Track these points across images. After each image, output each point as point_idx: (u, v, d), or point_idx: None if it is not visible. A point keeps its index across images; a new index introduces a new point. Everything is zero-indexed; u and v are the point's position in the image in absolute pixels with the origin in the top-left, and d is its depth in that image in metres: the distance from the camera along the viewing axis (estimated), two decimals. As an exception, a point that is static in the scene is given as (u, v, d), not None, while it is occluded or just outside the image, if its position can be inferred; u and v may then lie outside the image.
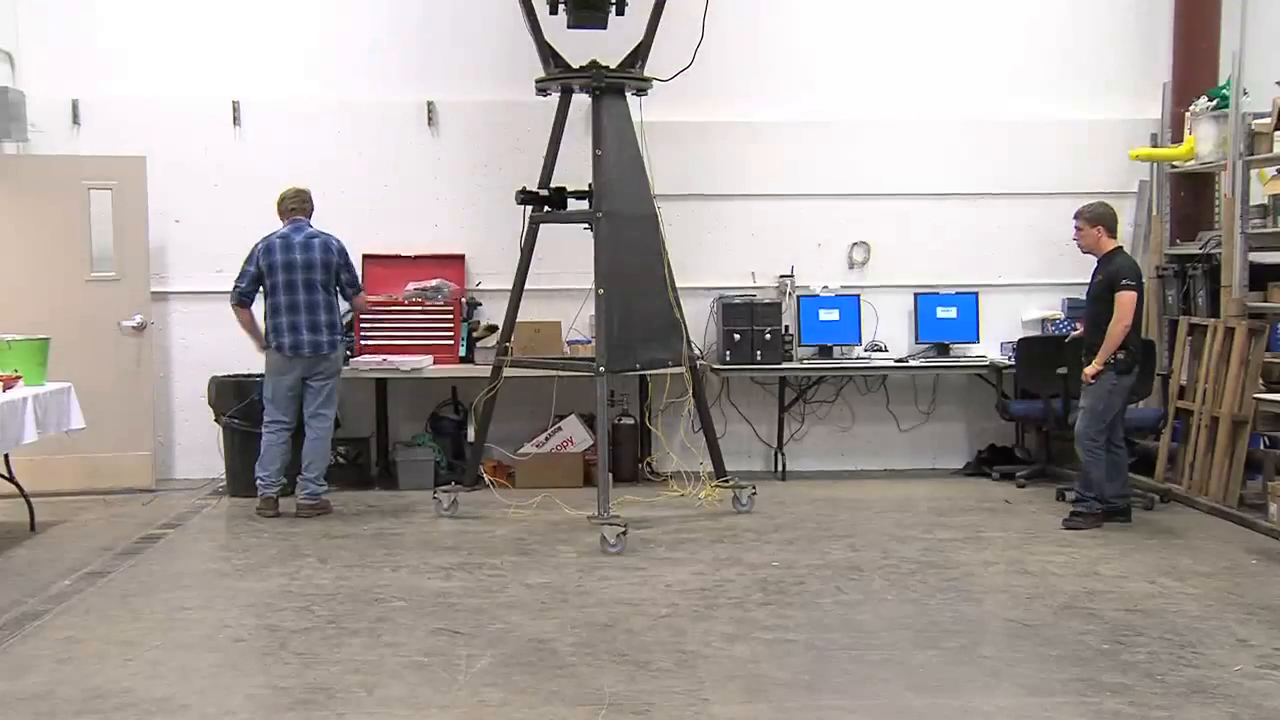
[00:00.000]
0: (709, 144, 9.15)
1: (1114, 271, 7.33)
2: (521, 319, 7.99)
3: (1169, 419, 8.44)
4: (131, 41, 8.90)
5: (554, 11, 7.66)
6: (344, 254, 7.96)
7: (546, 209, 7.68)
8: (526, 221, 7.75)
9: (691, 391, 8.19)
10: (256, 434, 8.01)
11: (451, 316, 8.85)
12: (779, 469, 9.22)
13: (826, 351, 9.20)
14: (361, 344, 8.78)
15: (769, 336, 8.86)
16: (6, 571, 6.63)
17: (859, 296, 9.22)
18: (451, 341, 8.85)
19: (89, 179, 8.56)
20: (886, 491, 8.66)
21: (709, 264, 9.09)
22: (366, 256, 8.87)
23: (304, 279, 7.79)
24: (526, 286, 7.84)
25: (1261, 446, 7.89)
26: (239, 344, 8.15)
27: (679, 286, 7.84)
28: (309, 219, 7.97)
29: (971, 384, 9.39)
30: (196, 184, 8.89)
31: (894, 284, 9.31)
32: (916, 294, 9.28)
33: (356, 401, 8.93)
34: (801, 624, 5.59)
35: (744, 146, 9.20)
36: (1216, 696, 4.69)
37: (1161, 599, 5.94)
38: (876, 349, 9.28)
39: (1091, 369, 7.28)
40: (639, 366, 7.81)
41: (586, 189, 7.56)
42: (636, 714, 4.55)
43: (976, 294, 9.27)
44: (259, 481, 7.89)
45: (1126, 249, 7.94)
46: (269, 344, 7.88)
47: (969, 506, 8.10)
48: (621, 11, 7.68)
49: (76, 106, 8.84)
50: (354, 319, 8.72)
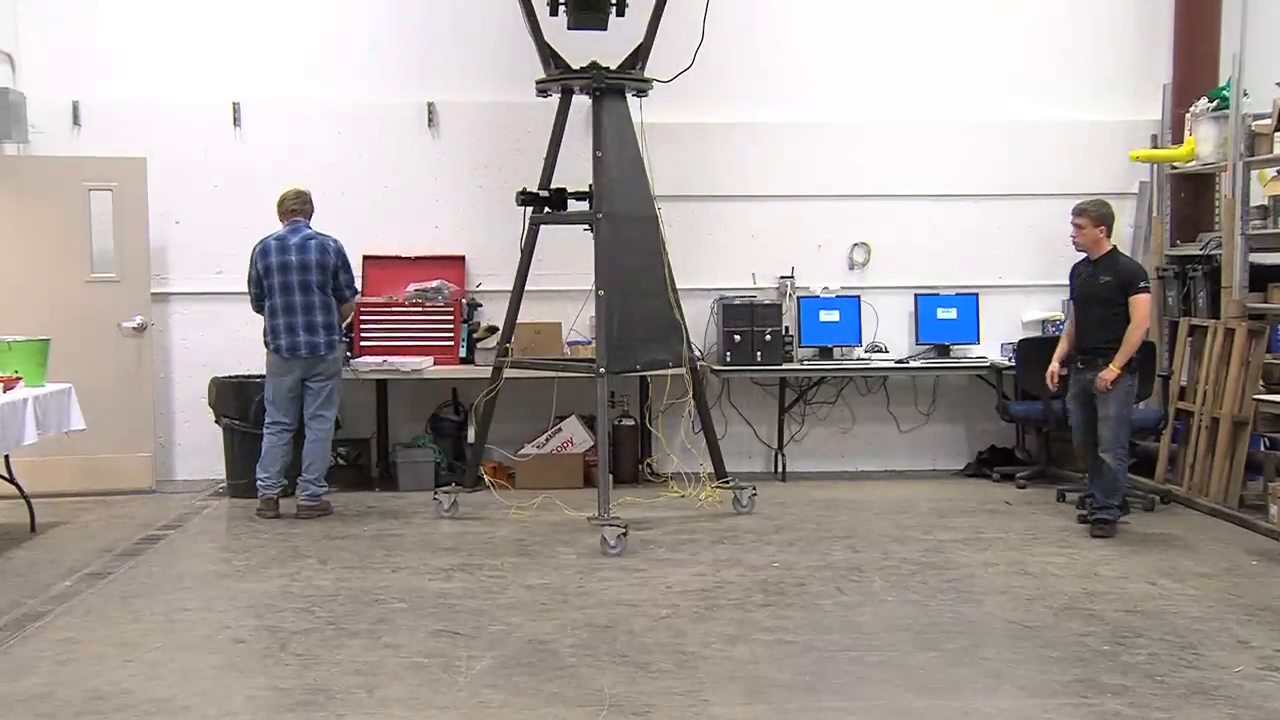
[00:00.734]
0: (709, 145, 9.15)
1: (1127, 274, 7.24)
2: (522, 320, 8.00)
3: (1169, 420, 8.44)
4: (132, 43, 8.90)
5: (554, 13, 7.66)
6: (341, 255, 7.94)
7: (547, 210, 7.67)
8: (527, 223, 7.75)
9: (692, 392, 8.19)
10: (257, 435, 8.02)
11: (452, 318, 8.85)
12: (779, 470, 9.22)
13: (827, 353, 9.20)
14: (362, 345, 8.79)
15: (769, 337, 8.86)
16: (6, 573, 6.63)
17: (859, 297, 9.22)
18: (452, 342, 8.85)
19: (89, 180, 8.56)
20: (887, 493, 8.66)
21: (709, 265, 9.09)
22: (367, 258, 8.88)
23: (300, 280, 7.79)
24: (527, 288, 7.84)
25: (1262, 448, 7.89)
26: (239, 345, 8.17)
27: (679, 287, 7.84)
28: (308, 220, 7.97)
29: (972, 385, 9.39)
30: (197, 185, 8.90)
31: (894, 285, 9.32)
32: (917, 295, 9.28)
33: (357, 402, 8.94)
34: (802, 625, 5.60)
35: (744, 147, 9.20)
36: (1217, 698, 4.69)
37: (1162, 600, 5.94)
38: (877, 350, 9.27)
39: (1111, 374, 7.13)
40: (639, 367, 7.81)
41: (587, 190, 7.56)
42: (637, 715, 4.55)
43: (977, 295, 9.27)
44: (259, 483, 7.89)
45: (1124, 250, 7.92)
46: (267, 345, 7.89)
47: (969, 508, 8.10)
48: (622, 13, 7.69)
49: (77, 108, 8.84)
50: (354, 320, 8.74)
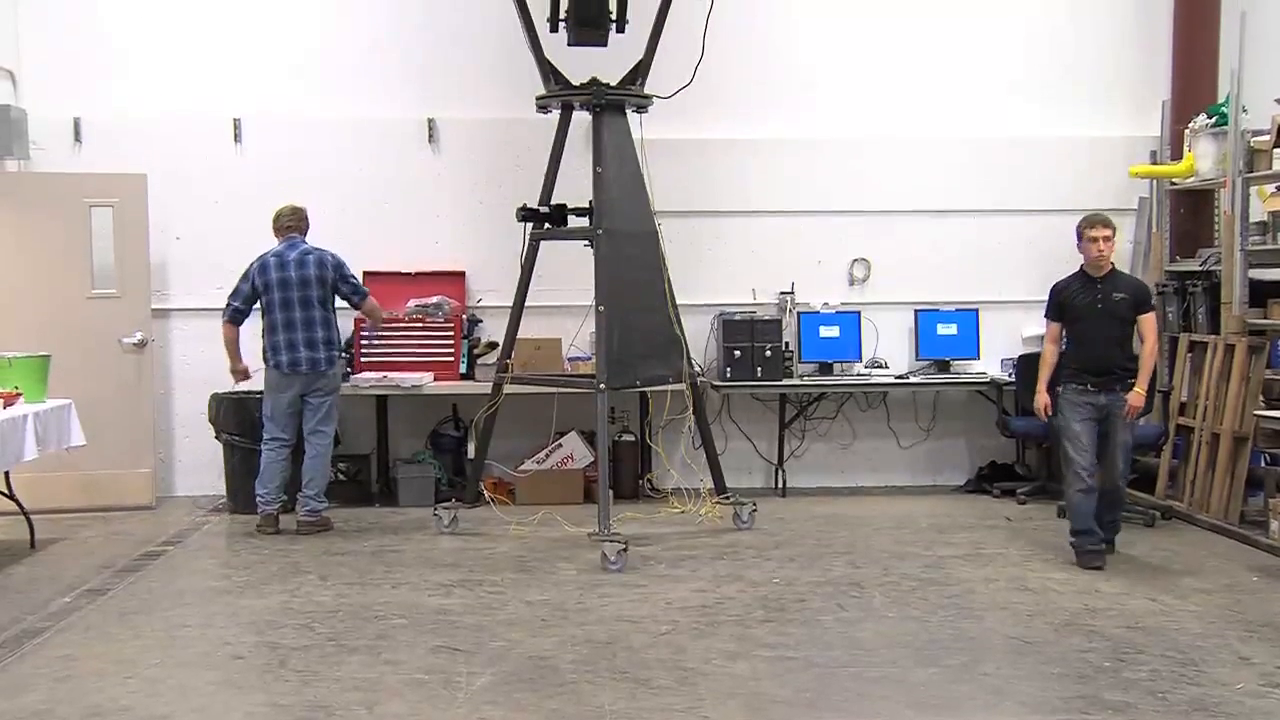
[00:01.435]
0: (709, 161, 9.17)
1: (1142, 291, 7.10)
2: (522, 336, 8.00)
3: (1169, 436, 8.43)
4: (133, 59, 8.93)
5: (555, 29, 7.69)
6: (340, 267, 7.95)
7: (547, 226, 7.68)
8: (527, 238, 7.76)
9: (692, 408, 8.19)
10: (257, 451, 8.01)
11: (452, 333, 8.86)
12: (779, 486, 9.21)
13: (827, 368, 9.21)
14: (362, 361, 8.79)
15: (769, 353, 8.86)
16: (6, 589, 6.62)
17: (859, 313, 9.23)
18: (452, 358, 8.85)
19: (90, 196, 8.57)
20: (887, 508, 8.65)
21: (709, 281, 9.10)
22: (367, 273, 8.87)
23: (300, 296, 7.80)
24: (527, 303, 7.85)
25: (1262, 463, 7.88)
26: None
27: (679, 303, 7.85)
28: (304, 236, 7.99)
29: (972, 401, 9.39)
30: (198, 201, 8.92)
31: (894, 300, 9.32)
32: (917, 310, 9.29)
33: (357, 418, 8.93)
34: (802, 641, 5.59)
35: (744, 163, 9.22)
36: (1218, 715, 4.68)
37: (1163, 616, 5.93)
38: (877, 366, 9.28)
39: (1142, 397, 6.84)
40: (639, 383, 7.81)
41: (587, 206, 7.57)
42: (637, 732, 4.55)
43: (977, 310, 9.28)
44: (259, 499, 7.89)
45: (1123, 267, 7.92)
46: (267, 362, 7.89)
47: (970, 523, 8.10)
48: (622, 29, 7.72)
49: (78, 124, 8.86)
50: (354, 334, 8.74)
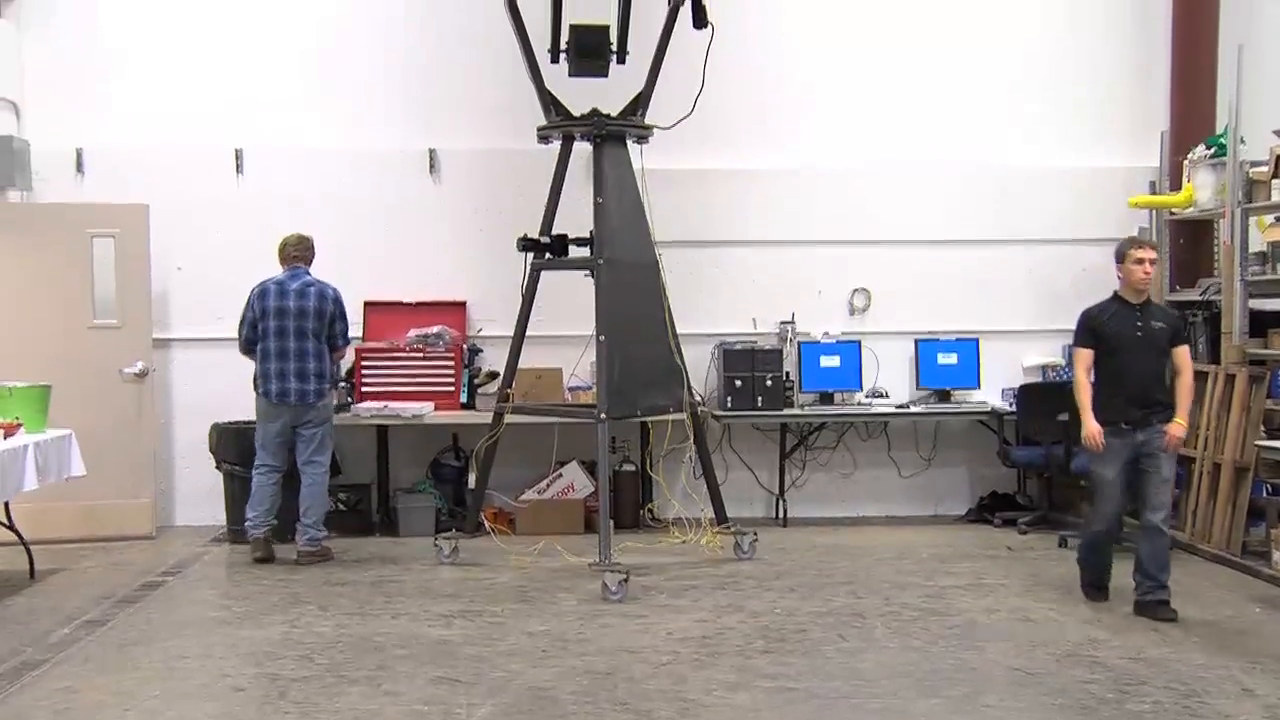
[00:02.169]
0: (709, 191, 9.20)
1: (1177, 321, 6.90)
2: (523, 365, 8.00)
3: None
4: (135, 91, 8.98)
5: (555, 60, 7.74)
6: (339, 305, 7.96)
7: (547, 256, 7.69)
8: (528, 268, 7.77)
9: (692, 438, 8.19)
10: (256, 480, 8.01)
11: (453, 363, 8.86)
12: (780, 515, 9.19)
13: (827, 398, 9.21)
14: (363, 390, 8.79)
15: (770, 383, 8.86)
16: (5, 620, 6.60)
17: (860, 343, 9.23)
18: (453, 388, 8.85)
19: (92, 227, 8.59)
20: (888, 538, 8.62)
21: (710, 310, 9.11)
22: (368, 303, 8.91)
23: (296, 326, 7.80)
24: (528, 333, 7.85)
25: (1264, 494, 7.86)
26: (240, 391, 8.15)
27: (680, 333, 7.86)
28: (308, 267, 8.00)
29: (973, 430, 9.38)
30: (199, 231, 8.94)
31: (894, 330, 9.34)
32: (917, 340, 9.30)
33: (357, 448, 8.92)
34: (803, 672, 5.57)
35: (744, 193, 9.25)
36: (1222, 746, 4.66)
37: (1165, 647, 5.91)
38: (877, 395, 9.27)
39: (1183, 429, 6.54)
40: (640, 413, 7.82)
41: (587, 236, 7.58)
42: (638, 764, 4.53)
43: (977, 340, 9.29)
44: (248, 522, 7.89)
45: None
46: (256, 389, 7.89)
47: (971, 553, 8.08)
48: (622, 60, 7.76)
49: (80, 155, 8.90)
50: (355, 365, 8.75)
